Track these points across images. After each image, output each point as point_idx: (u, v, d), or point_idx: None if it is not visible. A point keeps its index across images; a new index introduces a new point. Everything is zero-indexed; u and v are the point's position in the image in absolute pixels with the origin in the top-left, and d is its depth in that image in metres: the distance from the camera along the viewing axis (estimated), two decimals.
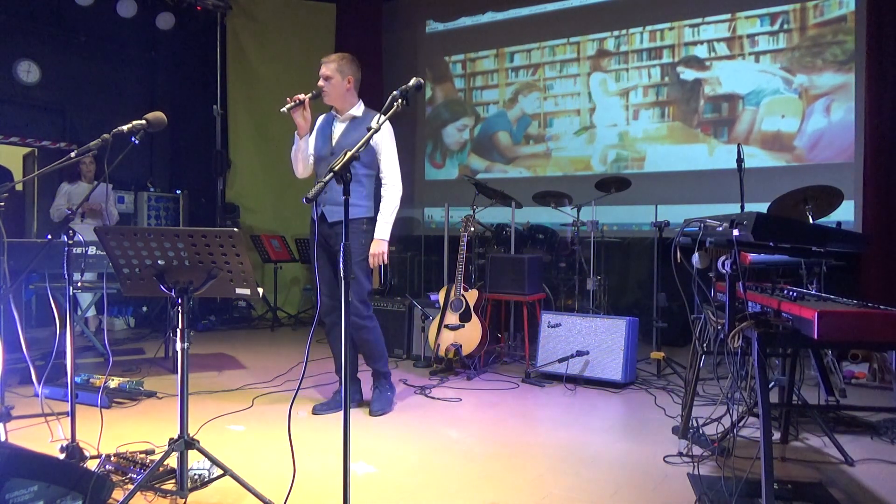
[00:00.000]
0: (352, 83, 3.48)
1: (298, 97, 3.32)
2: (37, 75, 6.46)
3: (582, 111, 6.67)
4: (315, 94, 3.40)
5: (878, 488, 2.58)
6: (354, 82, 3.50)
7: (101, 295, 4.57)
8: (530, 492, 2.48)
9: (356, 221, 3.42)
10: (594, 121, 6.60)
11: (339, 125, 3.54)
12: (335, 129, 3.55)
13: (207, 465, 2.48)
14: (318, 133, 3.60)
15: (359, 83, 3.54)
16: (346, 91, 3.48)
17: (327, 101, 3.51)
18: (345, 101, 3.51)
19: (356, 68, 3.52)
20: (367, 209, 3.46)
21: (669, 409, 3.64)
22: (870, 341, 1.97)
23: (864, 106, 5.22)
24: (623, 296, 5.93)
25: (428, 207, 7.39)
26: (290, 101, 3.31)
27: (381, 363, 3.57)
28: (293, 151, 3.53)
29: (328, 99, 3.48)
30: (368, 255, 3.40)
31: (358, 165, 3.42)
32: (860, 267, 5.16)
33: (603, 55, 6.58)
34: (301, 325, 6.76)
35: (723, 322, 2.24)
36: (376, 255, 3.40)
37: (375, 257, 3.40)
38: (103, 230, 2.24)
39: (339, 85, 3.45)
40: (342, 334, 1.92)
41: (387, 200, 3.46)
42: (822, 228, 2.19)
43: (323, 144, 3.53)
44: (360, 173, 3.43)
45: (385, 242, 3.42)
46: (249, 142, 7.60)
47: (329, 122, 3.59)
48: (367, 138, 2.08)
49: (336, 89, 3.45)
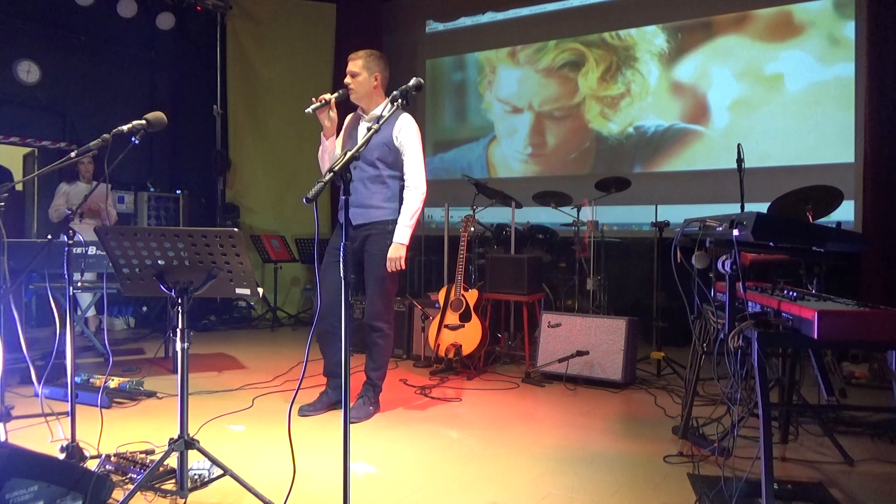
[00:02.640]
0: (379, 81, 3.39)
1: (324, 97, 3.23)
2: (37, 75, 6.46)
3: (582, 111, 6.68)
4: (341, 94, 3.31)
5: (878, 488, 2.58)
6: (382, 80, 3.41)
7: (101, 295, 4.57)
8: (530, 492, 2.48)
9: (380, 224, 3.36)
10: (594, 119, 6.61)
11: (364, 125, 3.45)
12: (360, 129, 3.47)
13: (207, 465, 2.48)
14: (345, 133, 3.54)
15: (386, 81, 3.43)
16: (373, 89, 3.38)
17: (354, 100, 3.41)
18: (371, 100, 3.41)
19: (384, 66, 3.42)
20: (393, 211, 3.37)
21: (669, 409, 3.64)
22: (870, 341, 1.97)
23: (864, 106, 5.22)
24: (623, 296, 5.92)
25: (428, 207, 7.36)
26: (315, 101, 3.22)
27: (379, 373, 3.50)
28: (320, 152, 3.44)
29: (355, 97, 3.39)
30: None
31: (382, 167, 3.37)
32: (860, 267, 5.16)
33: (603, 55, 6.58)
34: (301, 325, 6.76)
35: (723, 322, 2.24)
36: (393, 259, 3.30)
37: (392, 262, 3.30)
38: (103, 230, 2.24)
39: (365, 82, 3.36)
40: (342, 336, 1.91)
41: (407, 203, 3.35)
42: (822, 228, 2.19)
43: (349, 145, 3.46)
44: (384, 175, 3.37)
45: (403, 247, 3.31)
46: (249, 142, 7.60)
47: (355, 122, 3.53)
48: (367, 138, 2.07)
49: (363, 87, 3.36)
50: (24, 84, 6.38)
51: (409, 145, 3.37)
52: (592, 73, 6.62)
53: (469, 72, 7.43)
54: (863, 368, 4.30)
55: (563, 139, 6.80)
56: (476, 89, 7.38)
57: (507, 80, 7.16)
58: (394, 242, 3.31)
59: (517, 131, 7.07)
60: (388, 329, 3.47)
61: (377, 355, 3.48)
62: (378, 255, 3.34)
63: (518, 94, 7.07)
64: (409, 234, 3.34)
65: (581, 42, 6.70)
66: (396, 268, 3.32)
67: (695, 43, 6.10)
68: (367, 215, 3.38)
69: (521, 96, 7.05)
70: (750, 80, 5.83)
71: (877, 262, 5.08)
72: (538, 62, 6.96)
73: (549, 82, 6.88)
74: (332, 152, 3.44)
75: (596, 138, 6.59)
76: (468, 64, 7.44)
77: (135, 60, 7.30)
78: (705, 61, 6.05)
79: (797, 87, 5.62)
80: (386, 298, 3.44)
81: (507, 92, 7.15)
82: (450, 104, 7.59)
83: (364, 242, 3.40)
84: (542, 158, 6.92)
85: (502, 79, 7.20)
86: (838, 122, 5.44)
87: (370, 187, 3.38)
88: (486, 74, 7.31)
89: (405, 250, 3.33)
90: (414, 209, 3.35)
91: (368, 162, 3.36)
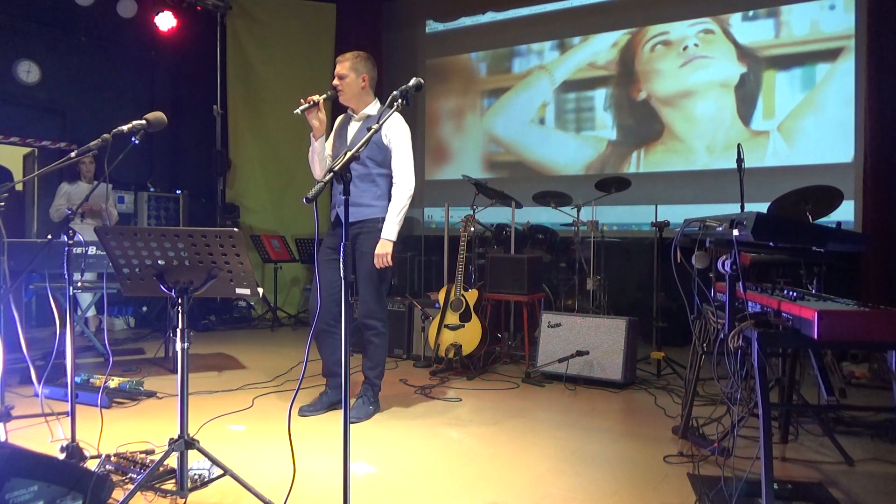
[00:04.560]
0: (366, 81, 3.42)
1: (312, 98, 3.26)
2: (37, 75, 6.46)
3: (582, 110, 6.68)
4: (330, 95, 3.34)
5: (878, 488, 2.58)
6: (369, 80, 3.44)
7: (101, 295, 4.57)
8: (530, 492, 2.48)
9: (371, 222, 3.37)
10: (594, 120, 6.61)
11: (354, 124, 3.48)
12: (350, 129, 3.50)
13: (207, 465, 2.48)
14: (335, 134, 3.56)
15: (374, 81, 3.47)
16: (361, 90, 3.42)
17: (343, 101, 3.44)
18: (360, 101, 3.44)
19: (371, 66, 3.45)
20: (383, 209, 3.39)
21: (669, 409, 3.64)
22: (870, 341, 1.97)
23: (864, 106, 5.23)
24: (623, 296, 5.93)
25: (428, 207, 7.38)
26: (303, 102, 3.25)
27: (376, 372, 3.49)
28: (310, 153, 3.46)
29: (344, 98, 3.42)
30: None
31: (371, 165, 3.39)
32: (860, 267, 5.16)
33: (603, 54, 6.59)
34: (301, 325, 6.76)
35: (723, 322, 2.24)
36: (381, 255, 3.31)
37: (380, 258, 3.31)
38: (103, 230, 2.24)
39: (353, 83, 3.39)
40: (342, 337, 1.91)
41: (394, 199, 3.37)
42: (822, 228, 2.19)
43: (339, 145, 3.49)
44: (373, 173, 3.39)
45: (390, 243, 3.33)
46: (249, 142, 7.60)
47: (345, 122, 3.55)
48: (368, 138, 2.07)
49: (351, 88, 3.39)
50: (24, 84, 6.39)
51: (398, 143, 3.39)
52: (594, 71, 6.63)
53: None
54: (863, 368, 4.30)
55: (563, 138, 6.80)
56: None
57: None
58: (381, 239, 3.33)
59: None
60: (383, 327, 3.48)
61: (373, 354, 3.48)
62: (369, 254, 3.34)
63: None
64: (396, 231, 3.35)
65: (581, 42, 6.70)
66: (383, 264, 3.33)
67: (693, 42, 6.10)
68: (358, 213, 3.39)
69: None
70: (748, 78, 5.83)
71: (877, 262, 5.08)
72: (538, 61, 6.96)
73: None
74: (322, 153, 3.46)
75: (596, 137, 6.60)
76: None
77: (135, 60, 7.30)
78: (706, 60, 6.05)
79: (797, 86, 5.62)
80: (379, 296, 3.45)
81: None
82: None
83: (355, 241, 3.41)
84: (542, 157, 6.92)
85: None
86: (838, 121, 5.44)
87: (360, 185, 3.40)
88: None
89: (392, 246, 3.34)
90: (401, 206, 3.36)
91: (358, 160, 3.37)
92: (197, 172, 7.46)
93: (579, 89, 6.73)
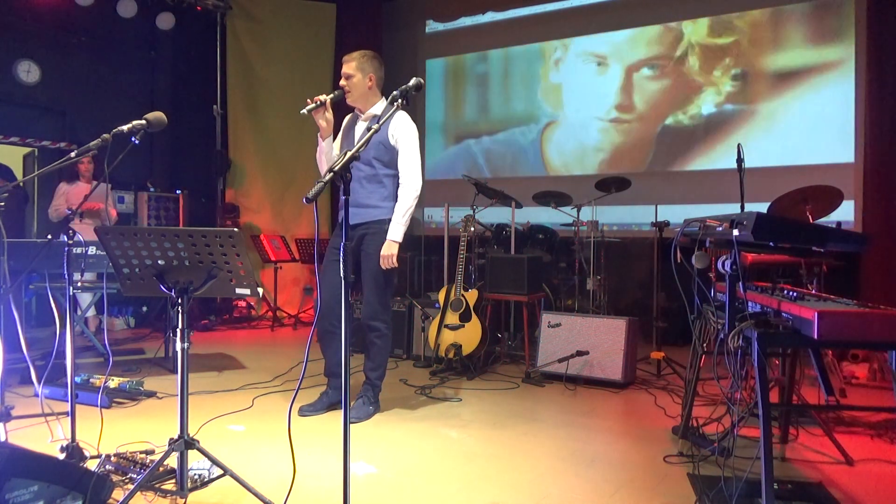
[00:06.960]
0: (373, 81, 3.41)
1: (319, 98, 3.24)
2: (37, 75, 6.46)
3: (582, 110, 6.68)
4: (336, 95, 3.33)
5: (878, 488, 2.58)
6: (376, 80, 3.42)
7: (101, 295, 4.57)
8: (530, 492, 2.48)
9: (377, 223, 3.36)
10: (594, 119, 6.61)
11: (362, 124, 3.48)
12: (357, 129, 3.49)
13: (207, 465, 2.48)
14: (342, 134, 3.55)
15: (381, 81, 3.45)
16: (368, 90, 3.40)
17: (350, 102, 3.43)
18: (367, 100, 3.43)
19: (378, 65, 3.44)
20: (390, 210, 3.38)
21: (669, 409, 3.64)
22: (870, 341, 1.97)
23: (864, 106, 5.22)
24: (623, 296, 5.93)
25: (428, 207, 7.38)
26: (310, 102, 3.23)
27: (377, 373, 3.49)
28: (317, 153, 3.45)
29: (351, 99, 3.41)
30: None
31: (379, 166, 3.38)
32: (860, 267, 5.16)
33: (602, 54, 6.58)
34: (301, 325, 6.76)
35: (723, 322, 2.24)
36: (386, 256, 3.30)
37: (385, 259, 3.31)
38: (103, 230, 2.24)
39: (360, 83, 3.38)
40: (342, 336, 1.91)
41: (401, 200, 3.36)
42: (822, 228, 2.19)
43: (346, 145, 3.48)
44: (380, 174, 3.38)
45: (396, 244, 3.32)
46: (249, 142, 7.59)
47: (352, 122, 3.55)
48: (368, 138, 2.07)
49: (358, 88, 3.38)
50: (24, 84, 6.38)
51: (405, 144, 3.37)
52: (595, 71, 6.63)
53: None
54: (863, 368, 4.31)
55: (562, 138, 6.80)
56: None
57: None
58: (387, 240, 3.32)
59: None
60: (386, 329, 3.47)
61: (375, 355, 3.48)
62: (375, 255, 3.34)
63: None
64: (402, 232, 3.34)
65: (582, 42, 6.70)
66: (389, 265, 3.33)
67: (693, 42, 6.10)
68: (364, 214, 3.39)
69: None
70: (749, 79, 5.83)
71: (877, 262, 5.08)
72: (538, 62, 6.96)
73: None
74: (330, 153, 3.44)
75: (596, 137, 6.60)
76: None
77: (135, 60, 7.30)
78: (706, 60, 6.05)
79: (797, 86, 5.62)
80: (383, 298, 3.44)
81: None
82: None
83: (361, 241, 3.41)
84: (542, 157, 6.92)
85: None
86: (838, 121, 5.44)
87: (367, 186, 3.39)
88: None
89: (398, 248, 3.34)
90: (407, 207, 3.35)
91: (365, 161, 3.36)
92: (197, 172, 7.45)
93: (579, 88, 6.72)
